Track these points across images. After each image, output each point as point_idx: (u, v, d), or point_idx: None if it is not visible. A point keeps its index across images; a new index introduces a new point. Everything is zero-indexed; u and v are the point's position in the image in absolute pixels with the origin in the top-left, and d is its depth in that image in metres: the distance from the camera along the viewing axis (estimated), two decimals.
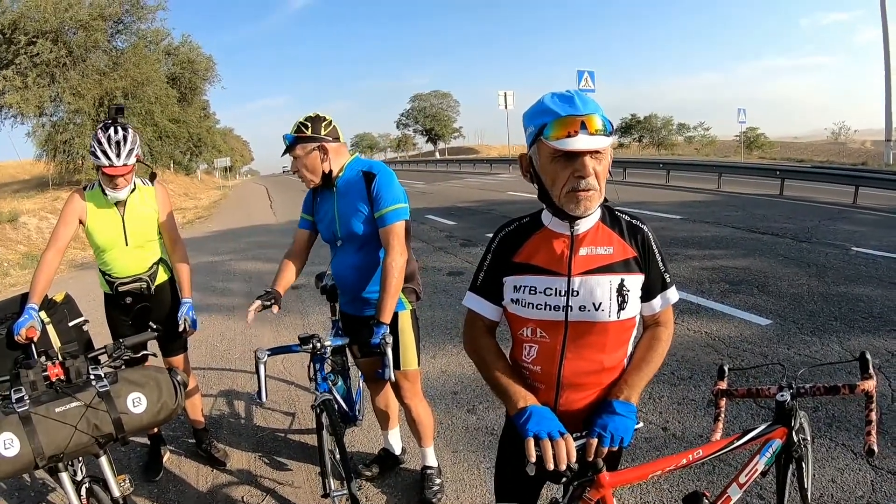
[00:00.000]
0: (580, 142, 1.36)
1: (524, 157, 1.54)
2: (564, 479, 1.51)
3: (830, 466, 2.91)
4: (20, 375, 1.91)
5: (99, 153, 2.69)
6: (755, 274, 6.58)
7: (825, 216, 10.51)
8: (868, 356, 1.83)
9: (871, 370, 1.81)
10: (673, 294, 1.61)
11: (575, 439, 1.41)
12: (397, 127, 78.93)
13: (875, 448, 1.71)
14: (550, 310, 1.51)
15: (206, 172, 50.15)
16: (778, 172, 15.21)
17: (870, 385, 1.76)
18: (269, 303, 2.52)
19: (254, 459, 3.41)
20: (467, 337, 1.70)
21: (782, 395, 1.84)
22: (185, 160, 39.38)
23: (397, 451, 3.15)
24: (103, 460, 2.07)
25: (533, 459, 1.35)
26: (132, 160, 2.76)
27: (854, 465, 2.92)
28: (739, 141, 38.48)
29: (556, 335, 1.53)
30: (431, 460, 2.92)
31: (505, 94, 33.60)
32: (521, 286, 1.54)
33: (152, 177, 3.08)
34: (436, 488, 2.86)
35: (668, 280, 1.60)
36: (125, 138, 2.72)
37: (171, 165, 35.21)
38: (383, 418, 3.09)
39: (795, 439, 1.88)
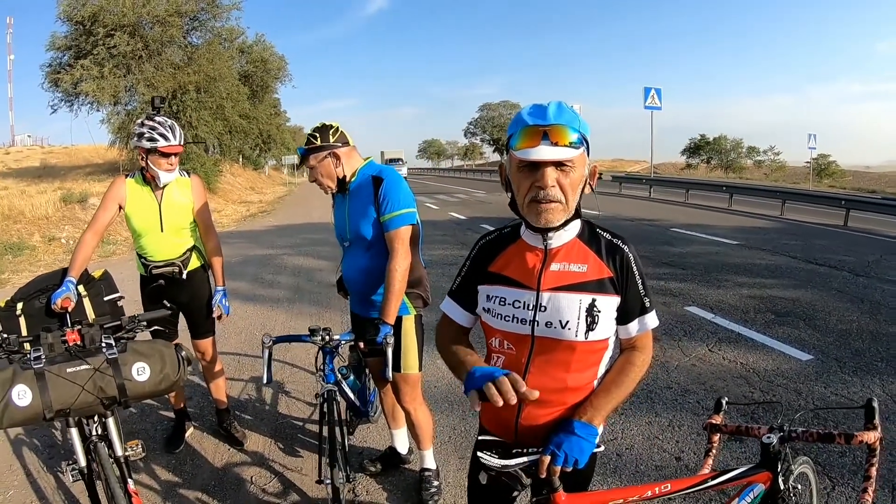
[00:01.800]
0: (540, 152, 1.36)
1: (502, 166, 1.54)
2: (515, 493, 1.51)
3: None
4: (41, 337, 2.10)
5: (157, 135, 2.94)
6: (804, 306, 6.33)
7: (888, 250, 10.02)
8: (875, 404, 1.69)
9: (877, 420, 1.67)
10: (652, 319, 1.55)
11: (530, 454, 1.40)
12: (465, 135, 79.67)
13: None
14: (518, 323, 1.50)
15: (273, 168, 51.61)
16: (843, 202, 14.68)
17: (871, 437, 1.62)
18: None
19: (270, 444, 3.52)
20: (438, 339, 1.71)
21: (768, 438, 1.71)
22: (254, 155, 40.71)
23: (403, 451, 3.20)
24: (110, 421, 2.23)
25: (477, 408, 1.34)
26: (182, 141, 3.04)
27: None
28: (809, 168, 36.94)
29: (522, 349, 1.51)
30: (430, 463, 2.95)
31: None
32: (492, 296, 1.54)
33: (207, 151, 3.37)
34: (433, 490, 2.88)
35: (648, 304, 1.54)
36: (174, 124, 3.02)
37: (240, 159, 36.44)
38: (391, 417, 3.14)
39: (782, 486, 1.73)
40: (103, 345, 2.13)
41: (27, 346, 2.14)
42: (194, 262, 3.26)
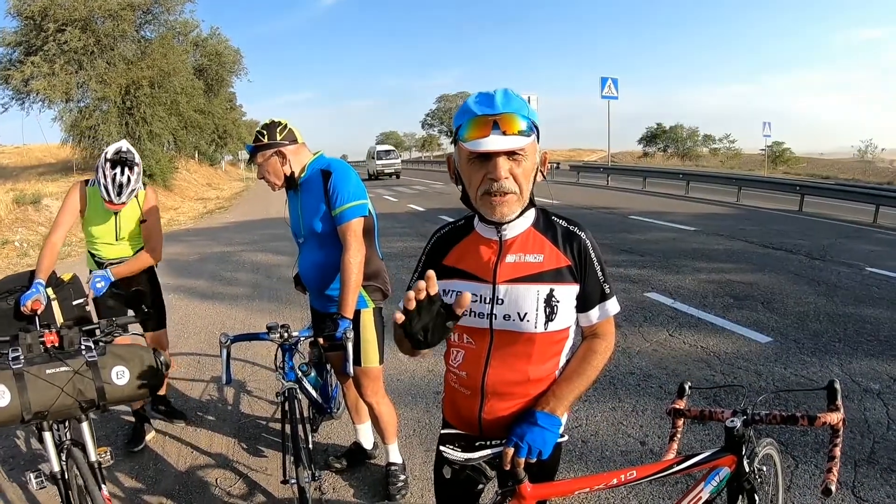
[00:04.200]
0: (490, 143, 1.30)
1: (450, 158, 1.48)
2: (481, 486, 1.48)
3: (811, 495, 2.79)
4: (19, 337, 2.05)
5: (102, 188, 2.94)
6: (762, 290, 6.47)
7: (842, 234, 10.31)
8: (837, 385, 1.69)
9: (839, 401, 1.66)
10: (613, 306, 1.52)
11: (493, 447, 1.38)
12: (422, 127, 79.65)
13: (833, 487, 1.57)
14: (475, 317, 1.45)
15: (230, 164, 50.70)
16: (798, 188, 15.01)
17: (835, 418, 1.62)
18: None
19: (233, 445, 3.46)
20: (396, 334, 1.62)
21: (732, 421, 1.70)
22: (210, 151, 39.85)
23: (368, 446, 3.16)
24: (84, 426, 2.17)
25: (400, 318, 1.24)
26: (130, 199, 3.04)
27: (837, 495, 2.76)
28: (765, 155, 37.90)
29: (482, 342, 1.47)
30: (395, 457, 2.93)
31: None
32: (448, 290, 1.47)
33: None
34: (400, 484, 2.86)
35: (608, 291, 1.50)
36: (129, 180, 2.98)
37: (196, 155, 35.65)
38: (355, 412, 3.11)
39: (747, 468, 1.74)
40: (82, 347, 2.09)
41: None
42: None
